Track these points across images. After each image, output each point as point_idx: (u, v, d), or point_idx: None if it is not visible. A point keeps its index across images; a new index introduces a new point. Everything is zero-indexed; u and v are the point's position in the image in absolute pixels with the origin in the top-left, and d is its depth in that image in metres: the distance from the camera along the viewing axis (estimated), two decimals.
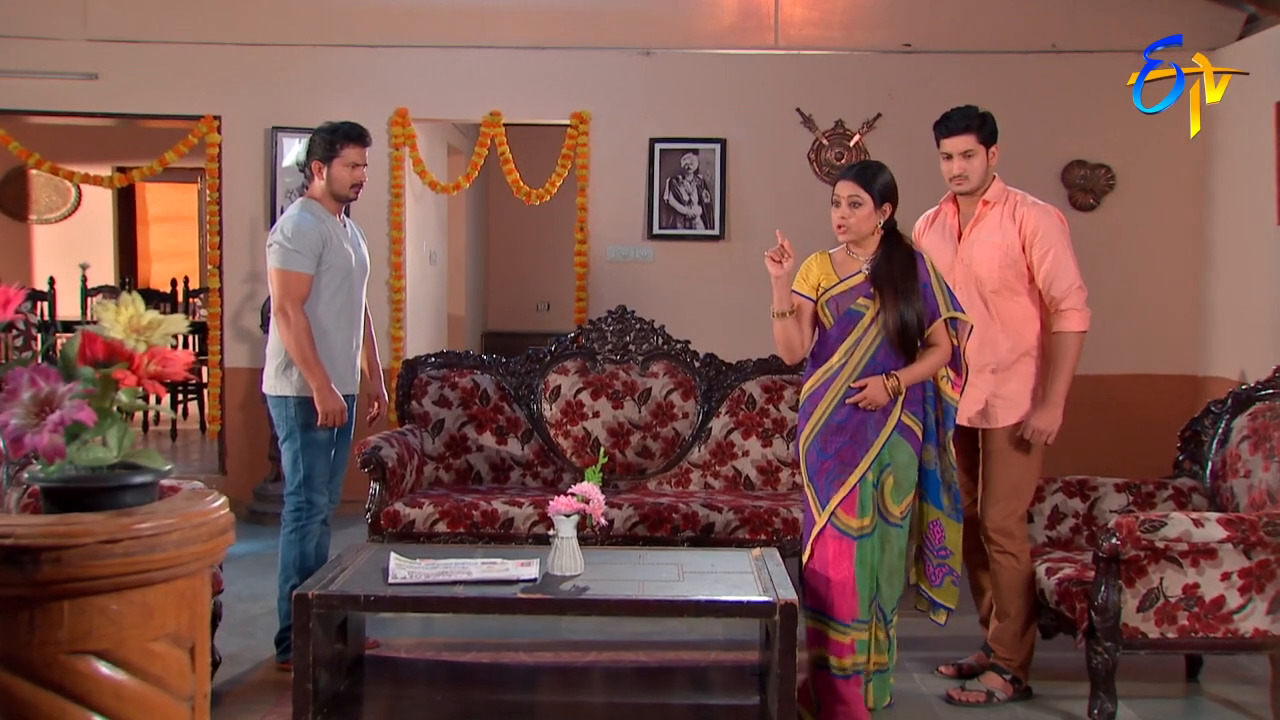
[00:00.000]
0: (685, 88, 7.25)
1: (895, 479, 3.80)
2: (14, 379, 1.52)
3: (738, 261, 7.20)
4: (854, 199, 3.79)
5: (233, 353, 7.26)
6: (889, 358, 3.80)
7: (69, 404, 1.51)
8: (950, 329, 3.81)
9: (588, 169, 7.19)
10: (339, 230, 4.49)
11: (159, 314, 1.61)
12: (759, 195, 7.24)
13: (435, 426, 5.59)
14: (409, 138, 7.17)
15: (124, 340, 1.58)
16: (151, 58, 7.10)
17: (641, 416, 5.59)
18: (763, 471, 5.51)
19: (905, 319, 3.75)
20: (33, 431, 1.52)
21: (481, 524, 4.93)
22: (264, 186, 7.15)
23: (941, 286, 3.81)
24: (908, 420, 3.81)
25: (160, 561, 1.61)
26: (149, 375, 1.59)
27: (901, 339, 3.76)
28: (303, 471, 4.42)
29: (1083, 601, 3.87)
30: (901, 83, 7.18)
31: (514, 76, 7.21)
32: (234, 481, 7.21)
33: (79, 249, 11.46)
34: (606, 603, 3.65)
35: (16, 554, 1.52)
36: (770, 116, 7.23)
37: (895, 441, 3.80)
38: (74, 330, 7.89)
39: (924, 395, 3.85)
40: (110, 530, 1.56)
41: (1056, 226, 4.08)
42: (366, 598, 3.62)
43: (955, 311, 3.81)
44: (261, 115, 7.14)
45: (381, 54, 7.17)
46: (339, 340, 4.47)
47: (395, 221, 7.22)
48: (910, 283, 3.76)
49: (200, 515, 1.67)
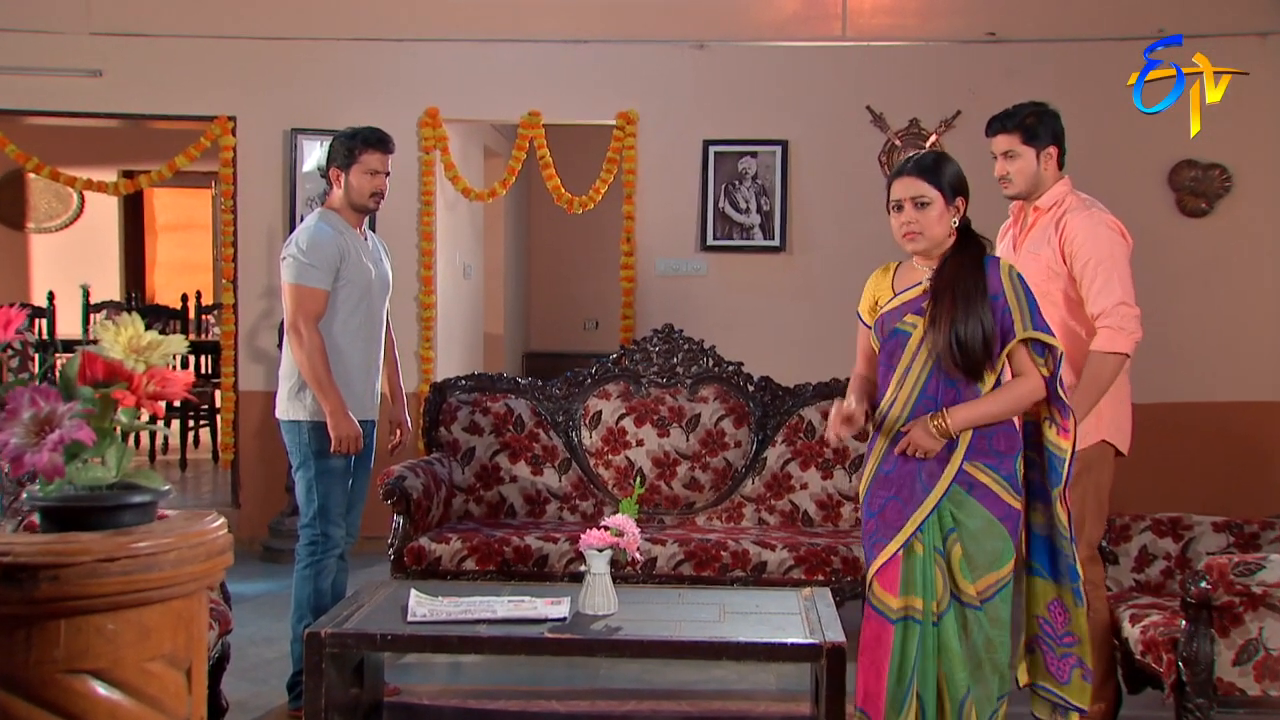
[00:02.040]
0: (742, 84, 7.42)
1: (965, 549, 3.44)
2: (15, 398, 1.74)
3: (799, 276, 7.35)
4: (920, 198, 3.48)
5: (247, 375, 7.52)
6: (945, 390, 3.46)
7: (68, 423, 1.72)
8: (1035, 355, 3.43)
9: (635, 174, 7.38)
10: (359, 243, 4.71)
11: (159, 334, 1.82)
12: (824, 202, 7.38)
13: (465, 455, 5.80)
14: (440, 140, 7.41)
15: (124, 360, 1.79)
16: (161, 53, 7.37)
17: (689, 445, 5.76)
18: (822, 506, 5.66)
19: (960, 336, 3.38)
20: (32, 450, 1.73)
21: (514, 561, 5.12)
22: (282, 193, 7.41)
23: (1021, 299, 3.42)
24: (977, 473, 3.44)
25: (157, 581, 1.82)
26: (148, 396, 1.80)
27: (959, 363, 3.40)
28: (317, 502, 4.64)
29: (1171, 652, 3.86)
30: (984, 76, 7.27)
31: (554, 73, 7.42)
32: (248, 515, 7.46)
33: (81, 260, 11.81)
34: (639, 644, 3.81)
35: (15, 572, 1.73)
36: (837, 115, 7.37)
37: (960, 501, 3.44)
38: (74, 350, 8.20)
39: (1009, 443, 3.49)
40: (108, 549, 1.77)
41: (1103, 236, 4.12)
42: (383, 636, 3.82)
43: (1035, 331, 3.42)
44: (280, 116, 7.39)
45: (410, 49, 7.42)
46: (356, 361, 4.69)
47: (425, 232, 7.45)
48: (973, 290, 3.41)
49: (198, 535, 1.88)
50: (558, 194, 7.47)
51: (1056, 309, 4.17)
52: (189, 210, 12.78)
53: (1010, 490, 3.47)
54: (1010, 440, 3.49)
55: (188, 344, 1.90)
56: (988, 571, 3.44)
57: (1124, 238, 4.19)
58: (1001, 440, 3.47)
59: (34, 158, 7.54)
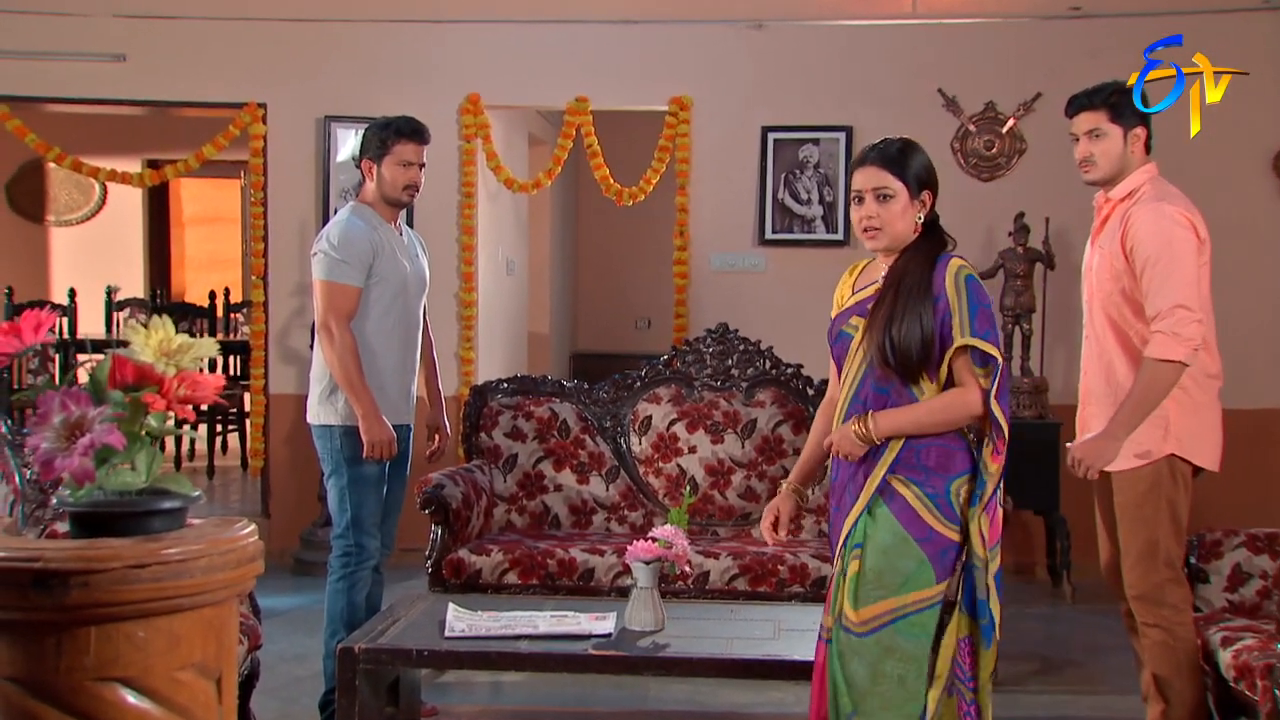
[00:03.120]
0: (804, 66, 7.48)
1: (865, 565, 3.34)
2: (45, 402, 1.86)
3: None
4: (882, 190, 3.42)
5: (278, 377, 7.67)
6: (876, 396, 3.42)
7: (99, 428, 1.84)
8: (976, 365, 3.34)
9: (688, 163, 7.46)
10: (393, 239, 4.84)
11: (189, 337, 1.93)
12: None
13: (507, 462, 5.91)
14: (482, 128, 7.52)
15: (154, 364, 1.90)
16: (187, 37, 7.53)
17: (745, 452, 5.84)
18: None
19: (893, 335, 3.34)
20: (63, 455, 1.85)
21: (558, 575, 5.22)
22: (315, 185, 7.55)
23: (963, 303, 3.34)
24: (900, 486, 3.36)
25: (188, 588, 1.94)
26: (179, 400, 1.92)
27: (891, 364, 3.36)
28: (350, 511, 4.76)
29: (1267, 679, 3.84)
30: (1067, 56, 7.27)
31: (603, 56, 7.53)
32: (279, 525, 7.61)
33: (103, 255, 12.07)
34: (687, 662, 3.90)
35: (45, 578, 1.86)
36: (906, 99, 7.40)
37: (877, 513, 3.36)
38: (97, 350, 8.37)
39: (943, 461, 3.38)
40: (138, 555, 1.89)
41: (1165, 232, 4.04)
42: (420, 652, 3.93)
43: (974, 338, 3.32)
44: (312, 103, 7.54)
45: (450, 31, 7.54)
46: (390, 363, 4.82)
47: (465, 225, 7.57)
48: (914, 288, 3.36)
49: (228, 542, 1.99)
50: (606, 185, 7.57)
51: (1118, 311, 4.14)
52: (217, 202, 13.01)
53: (936, 513, 3.35)
54: (945, 458, 3.38)
55: (218, 346, 2.01)
56: (889, 595, 3.32)
57: (1193, 233, 4.07)
58: (933, 456, 3.37)
59: (55, 147, 7.73)
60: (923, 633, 3.35)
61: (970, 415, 3.35)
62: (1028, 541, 7.35)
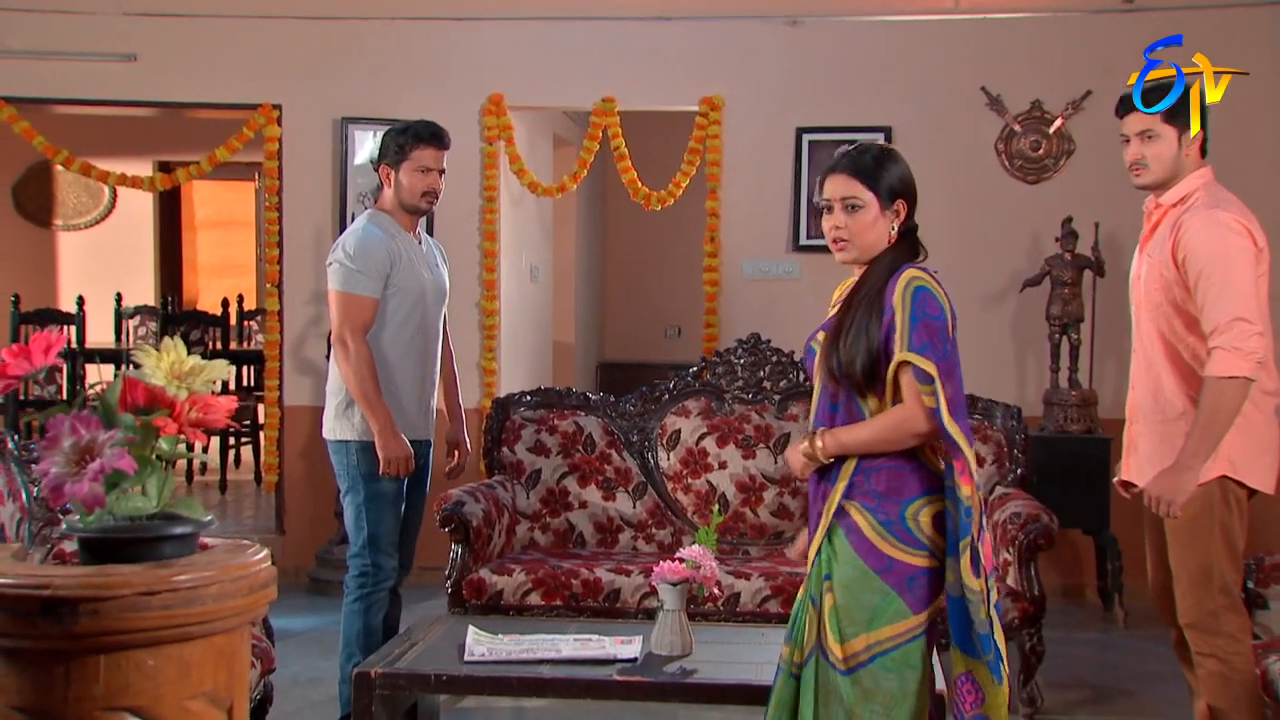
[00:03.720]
0: (840, 65, 7.51)
1: (837, 600, 3.30)
2: (55, 426, 1.91)
3: None
4: (851, 200, 3.40)
5: (293, 388, 7.73)
6: (827, 413, 3.43)
7: (109, 452, 1.89)
8: (920, 382, 3.26)
9: (720, 166, 7.49)
10: (412, 247, 4.89)
11: (201, 359, 1.98)
12: (933, 196, 7.18)
13: (530, 478, 5.96)
14: (504, 129, 7.57)
15: (165, 387, 1.95)
16: (200, 36, 7.60)
17: (778, 468, 5.87)
18: None
19: (840, 348, 3.35)
20: (73, 480, 1.90)
21: (582, 595, 5.27)
22: (332, 189, 7.61)
23: (906, 317, 3.28)
24: (855, 514, 3.33)
25: (198, 615, 1.99)
26: (190, 423, 1.96)
27: (836, 378, 3.37)
28: (367, 529, 4.82)
29: None
30: (1119, 51, 7.18)
31: (631, 54, 7.58)
32: (294, 543, 7.68)
33: (112, 260, 12.18)
34: (716, 688, 3.94)
35: (54, 605, 1.90)
36: (948, 98, 7.42)
37: (838, 545, 3.33)
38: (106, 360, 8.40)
39: (895, 485, 3.32)
40: (149, 582, 1.94)
41: (1219, 240, 3.97)
42: (438, 677, 3.98)
43: (910, 353, 3.27)
44: (329, 104, 7.60)
45: (472, 29, 7.60)
46: (408, 376, 4.87)
47: (487, 231, 7.62)
48: (866, 300, 3.37)
49: (240, 568, 2.04)
50: (634, 188, 7.61)
51: (1168, 324, 4.09)
52: (230, 205, 13.11)
53: (891, 539, 3.28)
54: (896, 481, 3.32)
55: (230, 368, 2.05)
56: (863, 631, 3.26)
57: (1250, 241, 4.01)
58: (882, 479, 3.33)
59: (63, 150, 7.80)
60: (906, 667, 3.27)
61: (912, 434, 3.28)
62: (1076, 562, 7.34)
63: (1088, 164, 7.30)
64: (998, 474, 5.74)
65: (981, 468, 5.73)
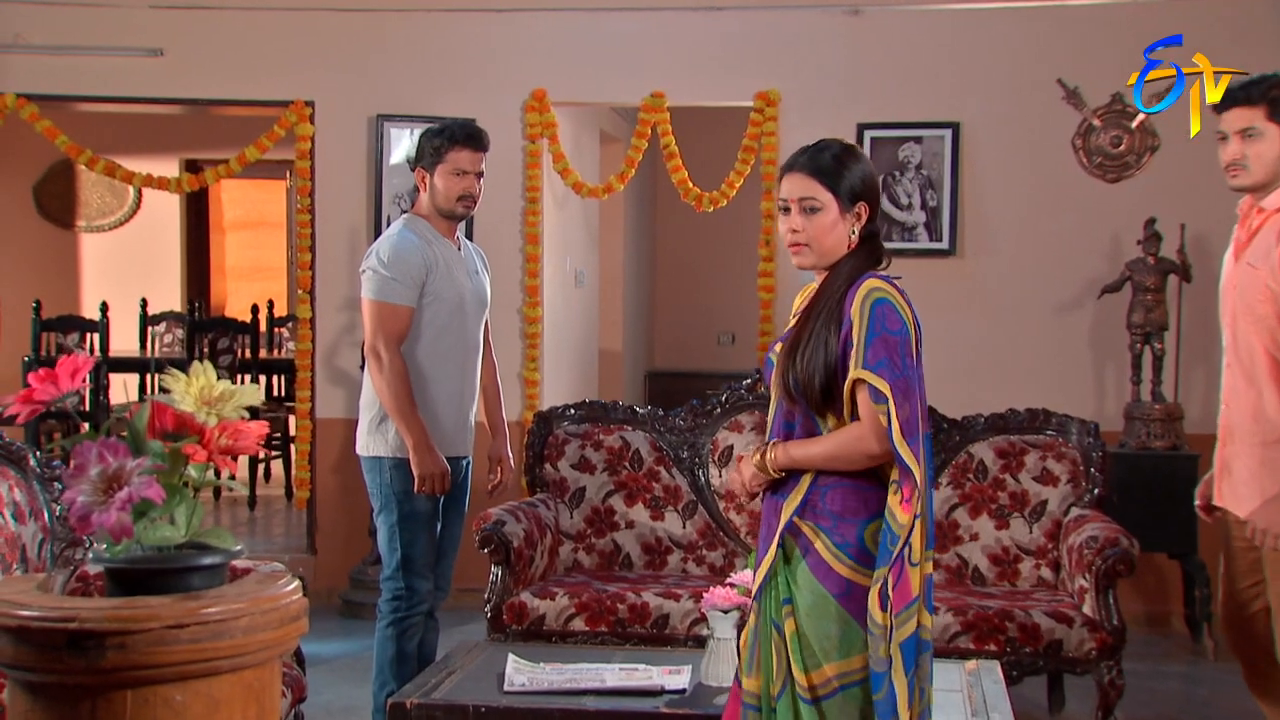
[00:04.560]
0: (905, 56, 7.52)
1: (799, 626, 3.31)
2: (82, 454, 1.98)
3: (971, 284, 7.44)
4: (809, 202, 3.39)
5: (326, 399, 7.81)
6: (782, 429, 3.44)
7: (137, 480, 1.96)
8: (875, 400, 3.24)
9: (776, 164, 7.44)
10: (450, 254, 4.96)
11: (231, 385, 2.04)
12: (1004, 196, 7.44)
13: (574, 497, 6.02)
14: (548, 126, 7.62)
15: (195, 413, 2.02)
16: (229, 30, 7.70)
17: None
18: (996, 561, 5.75)
19: (795, 366, 3.35)
20: (100, 509, 1.97)
21: (629, 621, 5.31)
22: (367, 189, 7.69)
23: (863, 331, 3.28)
24: (810, 535, 3.34)
25: (228, 649, 2.05)
26: (220, 450, 2.03)
27: (790, 393, 3.38)
28: (400, 551, 4.89)
29: None
30: (1212, 38, 7.06)
31: (682, 46, 7.61)
32: (325, 563, 7.77)
33: (137, 263, 12.33)
34: None
35: (81, 639, 1.97)
36: (1020, 91, 7.40)
37: (794, 566, 3.34)
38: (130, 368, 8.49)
39: (849, 505, 3.33)
40: (177, 615, 2.00)
41: None
42: (476, 708, 4.02)
43: (864, 370, 3.26)
44: (364, 100, 7.67)
45: (513, 21, 7.65)
46: (445, 390, 4.94)
47: (530, 234, 7.67)
48: (824, 310, 3.37)
49: (270, 600, 2.10)
50: (685, 189, 7.64)
51: (1272, 339, 4.02)
52: (261, 205, 13.24)
53: (850, 561, 3.28)
54: (853, 501, 3.32)
55: (261, 394, 2.11)
56: (826, 660, 3.28)
57: None
58: (838, 499, 3.33)
59: (87, 150, 7.89)
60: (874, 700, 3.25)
61: (864, 454, 3.28)
62: (1161, 589, 7.29)
63: (1173, 161, 7.24)
64: (1073, 494, 5.74)
65: (1055, 487, 5.75)
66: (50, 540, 4.45)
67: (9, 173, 11.86)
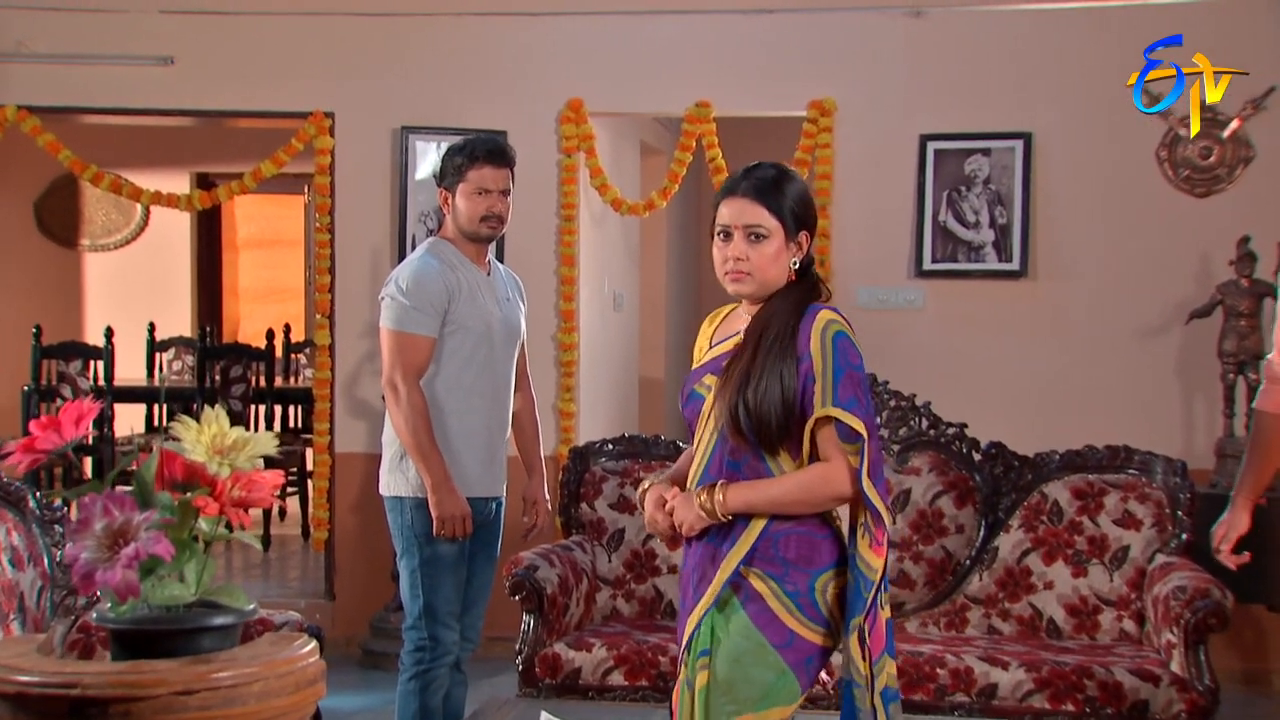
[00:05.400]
0: (972, 61, 7.48)
1: (717, 674, 3.36)
2: (87, 507, 1.99)
3: (1045, 308, 7.38)
4: (755, 229, 3.43)
5: (346, 432, 7.83)
6: (726, 470, 3.44)
7: (144, 536, 1.97)
8: (843, 439, 3.32)
9: (830, 179, 7.49)
10: (477, 280, 4.98)
11: (244, 432, 2.06)
12: (1080, 212, 7.38)
13: (612, 539, 6.02)
14: (585, 139, 7.62)
15: (206, 463, 2.03)
16: (243, 37, 7.74)
17: (897, 529, 5.86)
18: (1074, 612, 5.71)
19: (748, 397, 3.35)
20: (105, 567, 1.98)
21: (672, 675, 5.27)
22: (391, 207, 7.70)
23: (828, 365, 3.34)
24: (756, 582, 3.38)
25: (240, 716, 2.05)
26: (233, 503, 2.04)
27: (743, 431, 3.37)
28: (423, 598, 4.90)
29: None
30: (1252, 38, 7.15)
31: (729, 52, 7.61)
32: (345, 609, 7.77)
33: (145, 285, 12.37)
34: None
35: (83, 706, 1.98)
36: (1098, 98, 7.33)
37: (730, 612, 3.37)
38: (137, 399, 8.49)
39: (805, 553, 3.39)
40: (186, 680, 2.01)
41: None
42: None
43: (835, 408, 3.32)
44: (387, 111, 7.69)
45: (548, 26, 7.66)
46: (469, 425, 4.95)
47: (565, 254, 7.67)
48: (776, 342, 3.37)
49: (286, 664, 2.11)
50: None
51: None
52: (277, 222, 13.31)
53: (798, 614, 3.36)
54: (807, 549, 3.39)
55: (277, 442, 2.13)
56: (750, 710, 3.32)
57: None
58: (793, 546, 3.38)
59: (91, 165, 7.92)
60: None
61: (834, 497, 3.36)
62: (1260, 644, 7.19)
63: (1269, 173, 7.19)
64: (1158, 539, 5.69)
65: (1138, 531, 5.71)
66: (50, 588, 4.47)
67: (8, 188, 11.91)
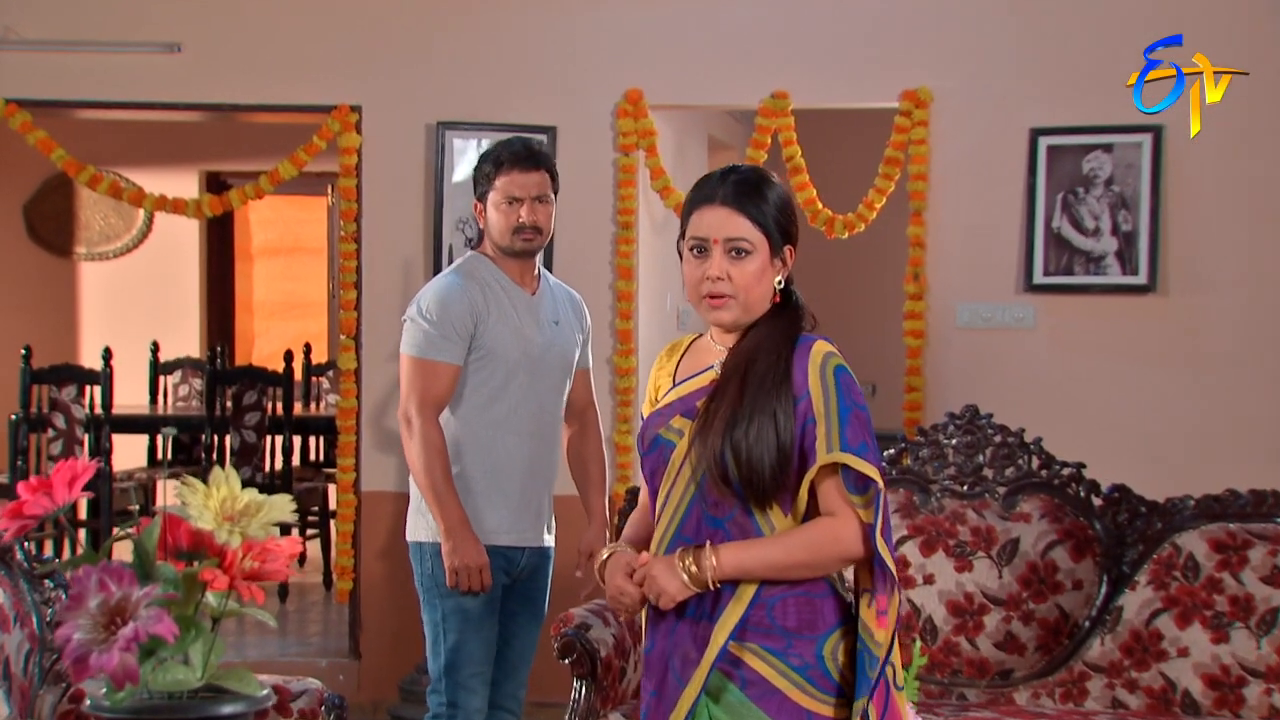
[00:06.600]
0: (1089, 44, 7.43)
1: None
2: (80, 582, 1.96)
3: (1177, 328, 7.30)
4: (737, 243, 3.36)
5: (373, 469, 7.81)
6: (707, 529, 3.35)
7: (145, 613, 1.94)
8: (849, 490, 3.26)
9: (926, 180, 7.47)
10: (517, 300, 4.97)
11: (258, 494, 2.03)
12: (1219, 217, 7.31)
13: None
14: (645, 135, 7.59)
15: (214, 531, 2.00)
16: (259, 21, 7.77)
17: (1004, 585, 5.80)
18: (1214, 684, 5.62)
19: (736, 442, 3.26)
20: (100, 649, 1.95)
21: None
22: (425, 213, 7.70)
23: (832, 405, 3.27)
24: (753, 661, 3.29)
25: None
26: (244, 575, 2.01)
27: (731, 482, 3.28)
28: (444, 656, 4.90)
29: None
30: None
31: (809, 36, 7.59)
32: (371, 670, 7.76)
33: (147, 298, 12.44)
34: None
35: None
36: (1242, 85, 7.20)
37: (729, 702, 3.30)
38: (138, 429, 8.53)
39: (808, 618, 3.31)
40: None
41: None
42: None
43: (844, 454, 3.24)
44: (421, 105, 7.69)
45: (602, 9, 7.66)
46: (496, 465, 4.94)
47: (622, 266, 7.66)
48: (768, 378, 3.30)
49: None
50: (813, 209, 7.60)
51: None
52: (297, 227, 13.34)
53: (810, 688, 3.27)
54: (809, 614, 3.31)
55: (293, 506, 2.10)
56: None
57: None
58: (792, 613, 3.30)
59: (89, 167, 7.93)
60: None
61: (843, 557, 3.28)
62: None
63: None
64: None
65: None
66: (39, 651, 4.45)
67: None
